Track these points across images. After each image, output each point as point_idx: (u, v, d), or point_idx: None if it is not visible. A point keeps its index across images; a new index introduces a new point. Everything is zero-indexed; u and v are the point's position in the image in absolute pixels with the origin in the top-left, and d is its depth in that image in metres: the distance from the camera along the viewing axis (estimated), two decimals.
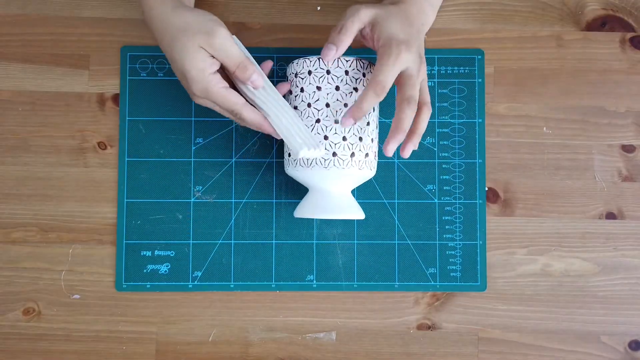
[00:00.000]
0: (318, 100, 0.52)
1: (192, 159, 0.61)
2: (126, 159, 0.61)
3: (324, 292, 0.60)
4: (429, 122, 0.61)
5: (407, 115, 0.49)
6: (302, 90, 0.53)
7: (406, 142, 0.52)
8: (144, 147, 0.61)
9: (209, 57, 0.48)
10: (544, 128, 0.62)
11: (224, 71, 0.51)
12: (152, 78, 0.61)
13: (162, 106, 0.61)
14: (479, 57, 0.62)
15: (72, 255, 0.60)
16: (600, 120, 0.62)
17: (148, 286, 0.60)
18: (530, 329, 0.60)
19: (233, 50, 0.49)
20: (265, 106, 0.51)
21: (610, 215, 0.61)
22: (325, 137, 0.51)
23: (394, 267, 0.60)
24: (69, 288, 0.60)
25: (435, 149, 0.61)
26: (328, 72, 0.51)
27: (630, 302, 0.61)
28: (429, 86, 0.61)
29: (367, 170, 0.53)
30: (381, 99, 0.49)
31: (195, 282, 0.60)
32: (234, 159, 0.61)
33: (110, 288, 0.60)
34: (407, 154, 0.52)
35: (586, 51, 0.63)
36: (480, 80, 0.62)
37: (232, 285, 0.60)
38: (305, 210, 0.54)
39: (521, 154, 0.62)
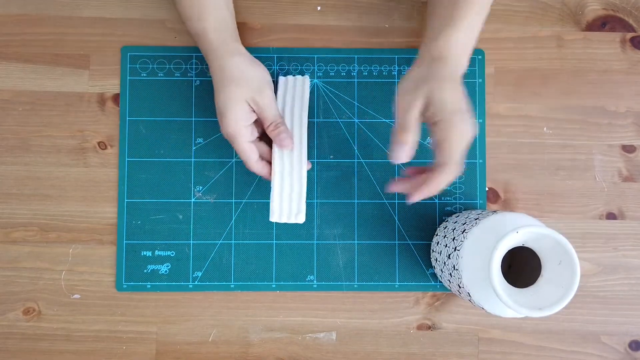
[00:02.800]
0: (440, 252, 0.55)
1: (193, 159, 0.61)
2: (126, 159, 0.60)
3: (324, 292, 0.60)
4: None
5: (446, 180, 0.47)
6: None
7: (418, 192, 0.49)
8: (144, 147, 0.61)
9: (250, 112, 0.54)
10: (544, 128, 0.62)
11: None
12: (152, 78, 0.61)
13: (162, 106, 0.61)
14: (480, 57, 0.62)
15: (72, 255, 0.60)
16: (600, 121, 0.62)
17: (148, 286, 0.60)
18: (530, 329, 0.60)
19: (272, 110, 0.54)
20: (278, 164, 0.55)
21: (611, 216, 0.61)
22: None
23: (394, 267, 0.60)
24: (69, 288, 0.60)
25: None
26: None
27: (630, 302, 0.61)
28: None
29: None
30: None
31: (196, 282, 0.60)
32: (234, 159, 0.61)
33: (110, 288, 0.60)
34: (413, 199, 0.49)
35: (586, 51, 0.63)
36: (480, 80, 0.62)
37: (232, 285, 0.60)
38: None
39: (521, 154, 0.62)
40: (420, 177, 0.50)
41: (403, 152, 0.48)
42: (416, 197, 0.49)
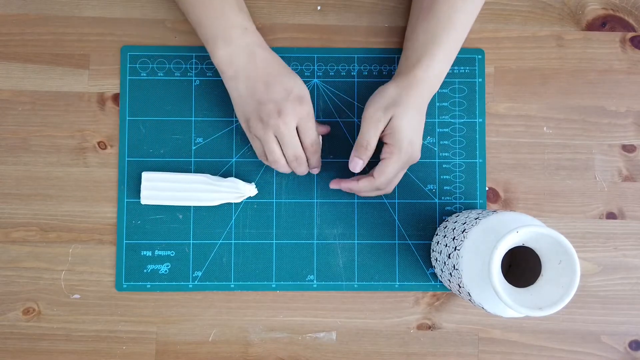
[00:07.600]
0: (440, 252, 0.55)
1: (192, 159, 0.61)
2: (126, 159, 0.61)
3: (324, 292, 0.60)
4: (426, 122, 0.61)
5: (363, 187, 0.55)
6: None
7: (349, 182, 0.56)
8: (144, 147, 0.61)
9: None
10: (544, 128, 0.62)
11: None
12: (152, 78, 0.61)
13: (162, 106, 0.61)
14: (479, 57, 0.62)
15: (72, 255, 0.60)
16: (600, 120, 0.62)
17: (148, 286, 0.60)
18: (530, 329, 0.60)
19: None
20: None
21: (611, 215, 0.61)
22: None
23: (394, 267, 0.60)
24: (69, 288, 0.60)
25: (436, 149, 0.61)
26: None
27: (631, 302, 0.61)
28: None
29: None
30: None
31: (196, 282, 0.60)
32: (234, 159, 0.61)
33: (110, 288, 0.60)
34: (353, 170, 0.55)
35: (586, 51, 0.63)
36: (480, 80, 0.62)
37: (232, 285, 0.60)
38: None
39: (521, 154, 0.62)
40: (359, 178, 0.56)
41: (358, 166, 0.55)
42: (344, 183, 0.56)
